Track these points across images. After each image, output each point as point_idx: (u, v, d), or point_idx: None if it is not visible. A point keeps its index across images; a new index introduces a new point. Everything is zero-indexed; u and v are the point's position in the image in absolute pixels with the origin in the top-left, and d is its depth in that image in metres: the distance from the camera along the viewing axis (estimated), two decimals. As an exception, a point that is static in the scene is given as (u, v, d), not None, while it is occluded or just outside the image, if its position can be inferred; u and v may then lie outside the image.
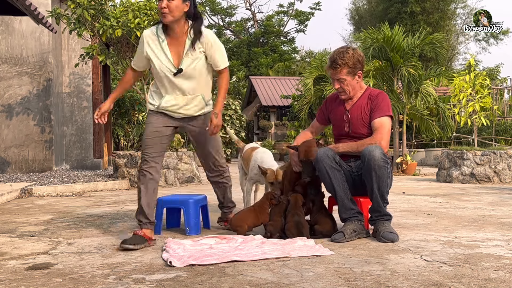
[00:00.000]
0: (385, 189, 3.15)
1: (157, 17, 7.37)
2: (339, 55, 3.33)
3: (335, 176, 3.21)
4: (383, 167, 3.07)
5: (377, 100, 3.34)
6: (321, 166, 3.22)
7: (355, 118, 3.38)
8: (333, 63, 3.34)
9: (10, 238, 3.36)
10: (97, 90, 10.19)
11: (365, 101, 3.38)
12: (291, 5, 32.86)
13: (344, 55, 3.31)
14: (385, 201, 3.20)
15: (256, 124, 23.49)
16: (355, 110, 3.39)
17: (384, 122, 3.28)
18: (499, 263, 2.55)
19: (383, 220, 3.18)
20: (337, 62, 3.32)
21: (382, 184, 3.11)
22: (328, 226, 3.24)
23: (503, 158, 8.08)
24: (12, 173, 8.72)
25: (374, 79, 10.45)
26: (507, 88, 16.18)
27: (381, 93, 3.41)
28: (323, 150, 3.25)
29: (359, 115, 3.36)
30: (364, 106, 3.37)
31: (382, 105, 3.31)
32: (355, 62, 3.32)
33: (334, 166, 3.21)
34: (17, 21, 8.96)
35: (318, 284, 2.18)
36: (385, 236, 3.06)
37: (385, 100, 3.35)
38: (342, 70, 3.32)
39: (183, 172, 7.57)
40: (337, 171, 3.22)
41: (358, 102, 3.39)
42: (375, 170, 3.06)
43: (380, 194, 3.14)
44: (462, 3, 26.90)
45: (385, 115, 3.29)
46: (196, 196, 3.60)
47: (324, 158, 3.20)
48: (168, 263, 2.56)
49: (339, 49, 3.39)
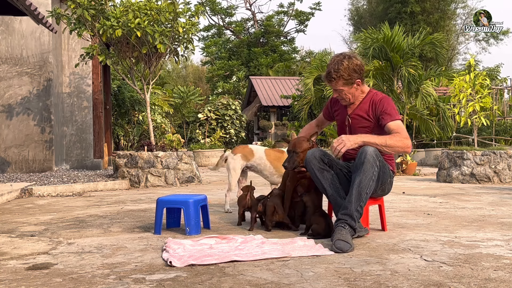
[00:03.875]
0: (365, 189, 2.99)
1: (157, 17, 7.38)
2: (334, 67, 3.24)
3: (324, 177, 3.19)
4: (371, 165, 3.00)
5: (382, 105, 3.27)
6: (310, 168, 3.21)
7: (355, 124, 3.36)
8: (327, 75, 3.28)
9: (10, 238, 3.36)
10: (97, 90, 10.19)
11: (367, 105, 3.34)
12: (291, 5, 32.87)
13: (338, 67, 3.22)
14: (359, 204, 2.99)
15: (256, 124, 23.50)
16: (356, 116, 3.36)
17: (399, 125, 3.22)
18: (499, 263, 2.55)
19: (342, 226, 2.93)
20: (332, 75, 3.25)
21: (364, 180, 2.98)
22: (323, 225, 3.26)
23: (503, 158, 8.08)
24: (12, 173, 8.72)
25: (374, 79, 10.45)
26: (507, 88, 16.18)
27: (384, 98, 3.33)
28: (311, 152, 3.23)
29: (360, 121, 3.34)
30: (366, 111, 3.33)
31: (389, 110, 3.24)
32: (350, 73, 3.23)
33: (322, 167, 3.19)
34: (17, 21, 8.96)
35: (318, 284, 2.18)
36: (336, 244, 2.80)
37: (390, 105, 3.28)
38: (338, 82, 3.26)
39: (183, 172, 7.57)
40: (326, 171, 3.20)
41: (360, 107, 3.36)
42: (363, 164, 3.00)
43: (357, 192, 2.98)
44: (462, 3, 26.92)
45: (395, 119, 3.23)
46: (196, 196, 3.60)
47: (311, 160, 3.19)
48: (168, 263, 2.56)
49: (334, 59, 3.29)
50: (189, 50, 7.99)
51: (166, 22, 7.56)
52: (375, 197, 3.37)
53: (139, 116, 14.56)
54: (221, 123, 16.02)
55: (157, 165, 7.38)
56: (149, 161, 7.35)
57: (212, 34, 33.75)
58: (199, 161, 13.94)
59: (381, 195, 3.39)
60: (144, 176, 7.31)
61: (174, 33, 7.57)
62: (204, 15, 32.33)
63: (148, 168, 7.34)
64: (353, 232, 2.99)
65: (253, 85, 23.53)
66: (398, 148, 3.12)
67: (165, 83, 26.68)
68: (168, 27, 7.56)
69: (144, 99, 8.58)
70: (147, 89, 8.19)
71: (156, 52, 7.73)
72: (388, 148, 3.11)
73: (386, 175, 3.23)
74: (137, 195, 6.16)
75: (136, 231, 3.55)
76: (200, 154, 14.13)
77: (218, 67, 29.83)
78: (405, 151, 3.18)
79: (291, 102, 18.79)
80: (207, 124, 15.95)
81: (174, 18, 7.53)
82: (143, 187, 7.26)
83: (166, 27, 7.53)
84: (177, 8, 7.52)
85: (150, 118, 8.21)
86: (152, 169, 7.35)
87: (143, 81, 8.15)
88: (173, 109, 19.38)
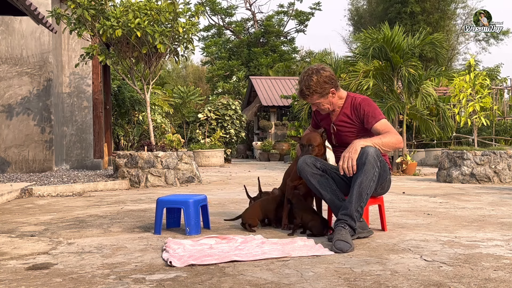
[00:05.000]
0: (366, 190, 3.01)
1: (157, 17, 7.39)
2: (305, 84, 3.28)
3: (318, 182, 3.21)
4: (372, 166, 3.01)
5: (363, 108, 3.29)
6: (304, 175, 3.24)
7: (340, 131, 3.39)
8: (301, 93, 3.33)
9: (10, 238, 3.36)
10: (97, 90, 10.19)
11: (348, 110, 3.36)
12: (291, 5, 32.85)
13: (309, 83, 3.26)
14: (360, 205, 3.01)
15: (256, 124, 23.49)
16: (339, 122, 3.39)
17: (386, 123, 3.25)
18: (499, 263, 2.55)
19: (342, 226, 2.95)
20: (305, 93, 3.30)
21: (365, 181, 3.00)
22: (317, 223, 3.28)
23: (503, 158, 8.08)
24: (12, 173, 8.72)
25: (374, 79, 10.45)
26: (507, 88, 16.18)
27: (364, 100, 3.34)
28: (302, 159, 3.26)
29: (345, 126, 3.37)
30: (349, 115, 3.35)
31: (372, 112, 3.26)
32: (322, 86, 3.26)
33: (315, 172, 3.21)
34: (17, 21, 8.97)
35: (318, 284, 2.18)
36: (336, 244, 2.82)
37: (371, 106, 3.30)
38: (313, 97, 3.30)
39: (183, 172, 7.57)
40: (320, 176, 3.22)
41: (342, 112, 3.39)
42: (365, 165, 3.01)
43: (358, 192, 3.00)
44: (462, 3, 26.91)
45: (380, 119, 3.26)
46: (196, 196, 3.60)
47: (304, 167, 3.22)
48: (168, 263, 2.56)
49: (303, 76, 3.32)
50: (189, 50, 7.99)
51: (166, 22, 7.56)
52: (374, 196, 3.38)
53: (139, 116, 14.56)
54: (221, 123, 16.02)
55: (157, 165, 7.38)
56: (149, 161, 7.35)
57: (212, 34, 33.74)
58: (199, 161, 13.94)
59: (381, 193, 3.40)
60: (144, 176, 7.31)
61: (174, 33, 7.57)
62: (204, 15, 32.32)
63: (148, 168, 7.34)
64: (352, 232, 3.00)
65: (253, 85, 23.53)
66: (392, 144, 3.17)
67: (165, 83, 26.67)
68: (168, 27, 7.56)
69: (144, 99, 8.58)
70: (147, 89, 8.19)
71: (156, 52, 7.73)
72: (385, 146, 3.15)
73: (385, 173, 3.25)
74: (137, 195, 6.16)
75: (136, 231, 3.55)
76: (200, 154, 14.13)
77: (218, 67, 29.82)
78: (399, 146, 3.23)
79: (291, 102, 18.78)
80: (207, 124, 15.95)
81: (174, 18, 7.53)
82: (143, 187, 7.26)
83: (166, 27, 7.53)
84: (177, 8, 7.53)
85: (150, 118, 8.21)
86: (152, 169, 7.35)
87: (143, 81, 8.15)
88: (173, 109, 19.37)
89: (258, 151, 20.14)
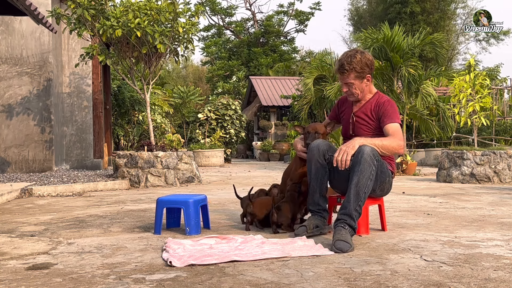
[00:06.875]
0: (363, 189, 3.01)
1: (157, 17, 7.39)
2: (347, 59, 3.32)
3: (317, 170, 3.24)
4: (369, 164, 3.02)
5: (385, 107, 3.34)
6: (309, 156, 3.27)
7: (359, 122, 3.41)
8: (340, 67, 3.35)
9: (10, 238, 3.36)
10: (97, 90, 10.19)
11: (372, 106, 3.40)
12: (291, 5, 32.84)
13: (351, 60, 3.30)
14: (358, 204, 3.01)
15: (256, 124, 23.49)
16: (361, 114, 3.42)
17: (397, 127, 3.28)
18: (499, 263, 2.55)
19: (342, 226, 2.95)
20: (344, 67, 3.32)
21: (362, 180, 3.00)
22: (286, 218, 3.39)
23: (503, 158, 8.08)
24: (12, 173, 8.72)
25: (374, 79, 10.43)
26: (507, 88, 16.18)
27: (389, 101, 3.40)
28: (318, 142, 3.29)
29: (364, 119, 3.40)
30: (371, 110, 3.38)
31: (390, 112, 3.32)
32: (362, 67, 3.31)
33: (320, 161, 3.24)
34: (17, 21, 8.96)
35: (318, 284, 2.18)
36: (335, 244, 2.82)
37: (393, 107, 3.35)
38: (350, 75, 3.33)
39: (183, 172, 7.57)
40: (322, 167, 3.24)
41: (366, 105, 3.42)
42: (360, 164, 3.02)
43: (355, 191, 3.00)
44: (462, 3, 26.90)
45: (395, 122, 3.29)
46: (196, 196, 3.60)
47: (314, 151, 3.25)
48: (168, 263, 2.56)
49: (347, 53, 3.38)
50: (189, 50, 7.99)
51: (166, 22, 7.56)
52: (375, 197, 3.38)
53: (139, 116, 14.56)
54: (221, 123, 16.01)
55: (157, 165, 7.38)
56: (149, 161, 7.35)
57: (212, 34, 33.73)
58: (199, 161, 13.94)
59: (381, 195, 3.40)
60: (144, 176, 7.31)
61: (174, 33, 7.57)
62: (204, 15, 32.31)
63: (148, 168, 7.34)
64: (353, 232, 3.00)
65: (253, 85, 23.52)
66: (392, 148, 3.19)
67: (165, 83, 26.67)
68: (168, 27, 7.56)
69: (144, 99, 8.58)
70: (147, 89, 8.19)
71: (156, 52, 7.73)
72: (383, 148, 3.16)
73: (384, 175, 3.24)
74: (137, 195, 6.16)
75: (136, 231, 3.55)
76: (200, 154, 14.13)
77: (218, 67, 29.81)
78: (398, 151, 3.25)
79: (291, 102, 18.79)
80: (207, 124, 15.94)
81: (174, 18, 7.53)
82: (143, 187, 7.26)
83: (166, 27, 7.53)
84: (177, 8, 7.53)
85: (150, 118, 8.21)
86: (152, 169, 7.35)
87: (143, 81, 8.15)
88: (173, 109, 19.37)
89: (258, 151, 20.14)
